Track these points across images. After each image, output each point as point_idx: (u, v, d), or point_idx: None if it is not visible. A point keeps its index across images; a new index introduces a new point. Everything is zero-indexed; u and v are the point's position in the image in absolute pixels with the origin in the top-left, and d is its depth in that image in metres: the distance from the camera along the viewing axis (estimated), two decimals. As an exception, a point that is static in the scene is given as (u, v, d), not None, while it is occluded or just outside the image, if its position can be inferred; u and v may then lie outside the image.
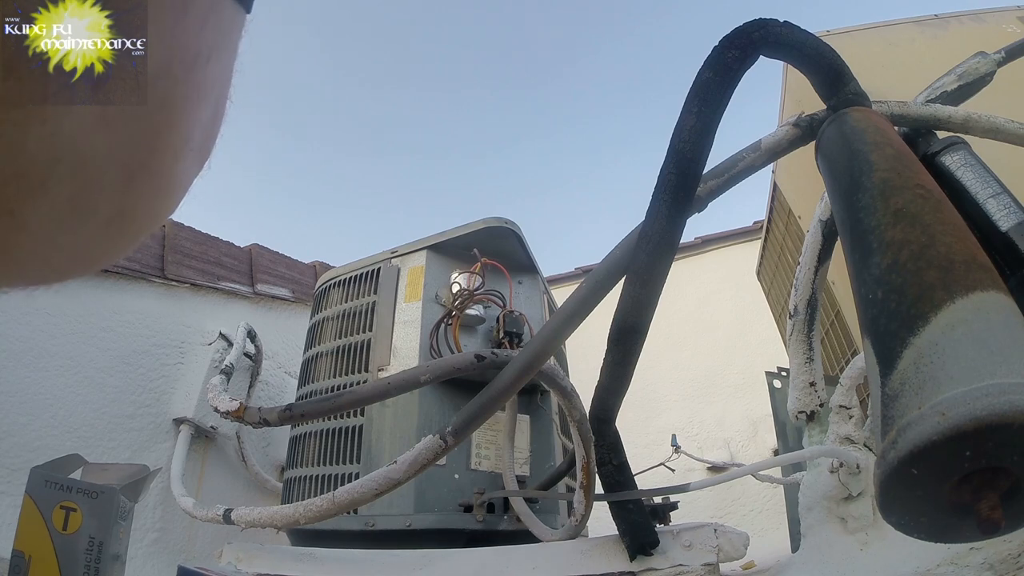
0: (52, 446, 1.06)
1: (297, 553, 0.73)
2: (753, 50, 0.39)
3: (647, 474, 1.44)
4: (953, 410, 0.22)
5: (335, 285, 1.07)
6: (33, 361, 1.12)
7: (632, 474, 0.53)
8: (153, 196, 0.18)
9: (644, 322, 0.44)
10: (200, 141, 0.18)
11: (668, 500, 0.76)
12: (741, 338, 2.87)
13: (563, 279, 3.32)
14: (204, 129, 0.18)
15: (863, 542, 0.54)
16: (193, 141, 0.18)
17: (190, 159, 0.18)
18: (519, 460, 0.89)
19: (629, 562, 0.56)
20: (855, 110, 0.41)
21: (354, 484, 0.57)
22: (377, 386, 0.62)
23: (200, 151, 0.18)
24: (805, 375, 0.62)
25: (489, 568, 0.62)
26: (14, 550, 0.70)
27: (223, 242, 1.61)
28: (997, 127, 0.49)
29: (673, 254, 0.42)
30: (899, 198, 0.32)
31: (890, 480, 0.25)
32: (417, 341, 0.91)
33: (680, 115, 0.40)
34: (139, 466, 0.86)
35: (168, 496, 1.17)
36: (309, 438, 0.94)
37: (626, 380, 0.47)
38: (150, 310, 1.36)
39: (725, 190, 0.48)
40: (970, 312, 0.26)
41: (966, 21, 1.21)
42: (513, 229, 1.02)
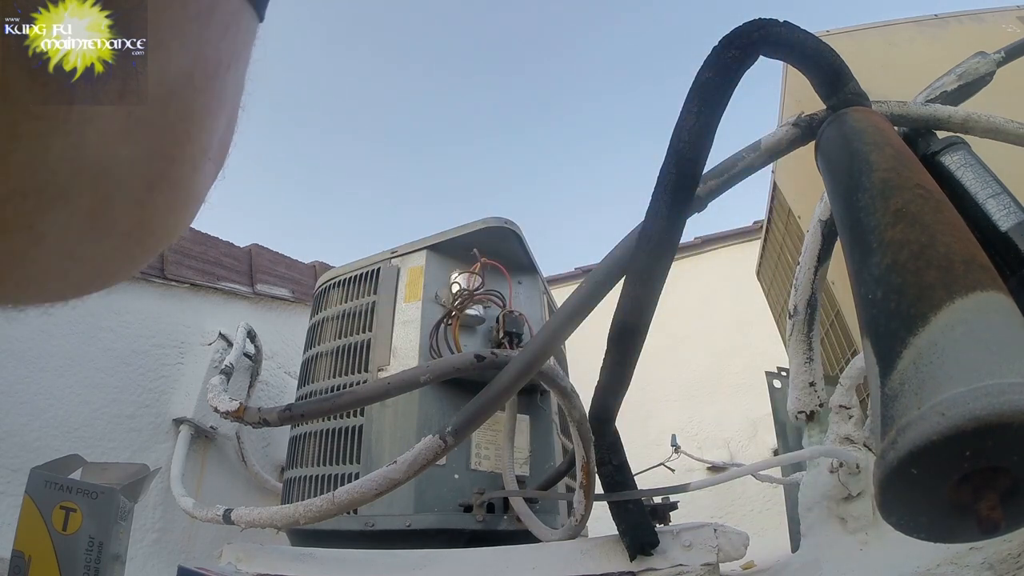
0: (52, 446, 1.06)
1: (297, 553, 0.73)
2: (753, 50, 0.39)
3: (647, 474, 1.43)
4: (953, 410, 0.22)
5: (335, 285, 1.07)
6: (33, 361, 1.12)
7: (632, 474, 0.53)
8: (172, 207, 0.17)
9: (644, 322, 0.44)
10: (217, 151, 0.18)
11: (668, 500, 0.76)
12: (741, 338, 2.87)
13: (563, 279, 3.32)
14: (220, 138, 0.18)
15: (863, 542, 0.54)
16: (211, 151, 0.17)
17: (207, 169, 0.18)
18: (519, 460, 0.89)
19: (629, 562, 0.56)
20: (855, 110, 0.41)
21: (354, 484, 0.57)
22: (377, 386, 0.62)
23: (216, 161, 0.18)
24: (805, 375, 0.62)
25: (489, 568, 0.62)
26: (14, 550, 0.69)
27: (223, 242, 1.61)
28: (997, 127, 0.49)
29: (673, 254, 0.42)
30: (899, 198, 0.32)
31: (890, 480, 0.25)
32: (417, 341, 0.91)
33: (680, 115, 0.40)
34: (139, 466, 0.86)
35: (168, 496, 1.17)
36: (309, 438, 0.94)
37: (626, 380, 0.47)
38: (150, 310, 1.36)
39: (725, 190, 0.48)
40: (970, 312, 0.26)
41: (966, 21, 1.21)
42: (513, 229, 1.02)
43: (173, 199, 0.17)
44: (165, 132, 0.15)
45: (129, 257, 0.17)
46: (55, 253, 0.14)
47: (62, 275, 0.16)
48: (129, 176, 0.15)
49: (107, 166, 0.14)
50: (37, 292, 0.16)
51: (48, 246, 0.14)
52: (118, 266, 0.17)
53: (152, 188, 0.16)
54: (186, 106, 0.15)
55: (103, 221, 0.15)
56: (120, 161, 0.14)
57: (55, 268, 0.15)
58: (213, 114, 0.17)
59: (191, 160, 0.16)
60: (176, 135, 0.15)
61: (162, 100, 0.14)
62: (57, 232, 0.14)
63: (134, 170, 0.15)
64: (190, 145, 0.16)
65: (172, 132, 0.15)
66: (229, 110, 0.18)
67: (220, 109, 0.17)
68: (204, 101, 0.16)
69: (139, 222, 0.16)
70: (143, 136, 0.14)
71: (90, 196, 0.14)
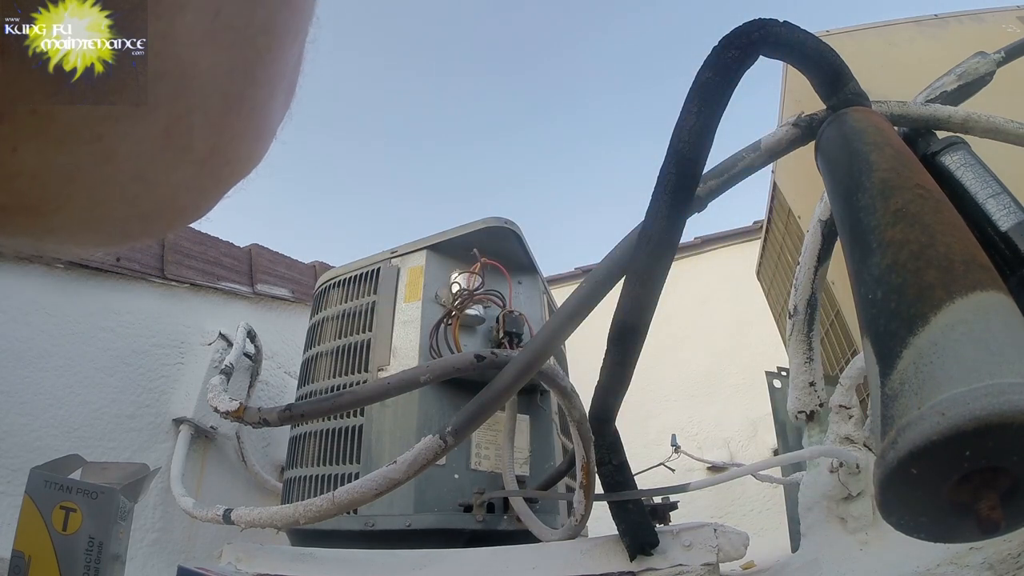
0: (52, 446, 1.06)
1: (297, 553, 0.73)
2: (753, 50, 0.39)
3: (647, 474, 1.43)
4: (953, 410, 0.22)
5: (335, 285, 1.07)
6: (33, 361, 1.12)
7: (632, 474, 0.53)
8: (247, 134, 0.16)
9: (644, 322, 0.44)
10: (289, 82, 0.17)
11: (668, 500, 0.76)
12: (741, 338, 2.87)
13: (563, 279, 3.32)
14: (292, 70, 0.17)
15: (863, 542, 0.54)
16: (285, 79, 0.16)
17: (280, 99, 0.17)
18: (519, 460, 0.89)
19: (629, 562, 0.56)
20: (855, 110, 0.41)
21: (354, 484, 0.57)
22: (377, 386, 0.62)
23: (287, 94, 0.17)
24: (805, 375, 0.62)
25: (489, 568, 0.62)
26: (14, 550, 0.69)
27: (223, 242, 1.61)
28: (997, 127, 0.49)
29: (673, 254, 0.42)
30: (899, 198, 0.32)
31: (890, 480, 0.25)
32: (417, 341, 0.91)
33: (680, 115, 0.40)
34: (139, 465, 0.86)
35: (168, 496, 1.17)
36: (309, 438, 0.94)
37: (626, 380, 0.47)
38: (150, 310, 1.36)
39: (725, 190, 0.48)
40: (970, 312, 0.26)
41: (966, 21, 1.21)
42: (513, 229, 1.02)
43: (248, 125, 0.16)
44: (248, 43, 0.14)
45: (201, 188, 0.16)
46: (126, 173, 0.13)
47: (131, 201, 0.14)
48: (210, 89, 0.14)
49: (191, 71, 0.13)
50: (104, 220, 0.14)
51: (118, 164, 0.13)
52: (189, 198, 0.16)
53: (230, 108, 0.15)
54: (270, 15, 0.14)
55: (179, 141, 0.14)
56: (203, 68, 0.13)
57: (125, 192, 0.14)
58: (292, 35, 0.16)
59: (268, 83, 0.15)
60: (258, 48, 0.14)
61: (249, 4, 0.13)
62: (129, 148, 0.13)
63: (215, 82, 0.14)
64: (271, 64, 0.15)
65: (255, 44, 0.14)
66: (301, 42, 0.17)
67: (299, 30, 0.16)
68: (287, 15, 0.15)
69: (214, 147, 0.15)
70: (228, 43, 0.13)
71: (168, 108, 0.13)
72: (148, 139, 0.13)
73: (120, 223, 0.15)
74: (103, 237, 0.15)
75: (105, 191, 0.14)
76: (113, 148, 0.13)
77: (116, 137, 0.12)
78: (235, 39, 0.14)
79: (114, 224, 0.15)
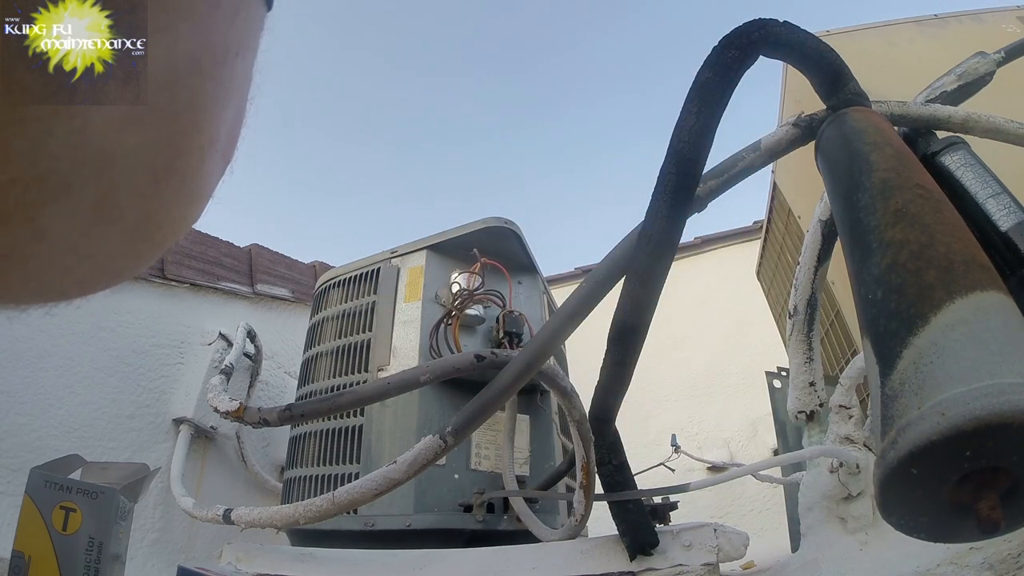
0: (52, 446, 1.06)
1: (297, 553, 0.73)
2: (752, 50, 0.39)
3: (647, 474, 1.43)
4: (953, 410, 0.22)
5: (335, 285, 1.07)
6: (33, 361, 1.12)
7: (632, 474, 0.53)
8: (179, 200, 0.16)
9: (644, 322, 0.44)
10: (225, 143, 0.17)
11: (668, 500, 0.76)
12: (741, 338, 2.87)
13: (563, 279, 3.32)
14: (228, 130, 0.17)
15: (863, 542, 0.54)
16: (218, 143, 0.17)
17: (215, 161, 0.17)
18: (519, 460, 0.89)
19: (629, 562, 0.56)
20: (855, 110, 0.41)
21: (354, 484, 0.57)
22: (377, 386, 0.62)
23: (224, 153, 0.17)
24: (805, 375, 0.62)
25: (489, 568, 0.62)
26: (14, 550, 0.69)
27: (223, 242, 1.61)
28: (997, 127, 0.49)
29: (673, 254, 0.42)
30: (899, 198, 0.32)
31: (890, 480, 0.25)
32: (417, 341, 0.91)
33: (680, 115, 0.40)
34: (139, 465, 0.86)
35: (168, 496, 1.17)
36: (309, 438, 0.94)
37: (626, 380, 0.47)
38: (149, 310, 1.36)
39: (725, 190, 0.48)
40: (970, 312, 0.26)
41: (966, 21, 1.21)
42: (513, 229, 1.02)
43: (180, 192, 0.16)
44: (172, 120, 0.14)
45: (135, 253, 0.17)
46: (58, 248, 0.14)
47: (66, 271, 0.15)
48: (135, 166, 0.14)
49: (112, 155, 0.13)
50: (40, 289, 0.15)
51: (51, 240, 0.13)
52: (124, 263, 0.17)
53: (159, 180, 0.15)
54: (193, 93, 0.15)
55: (108, 214, 0.14)
56: (126, 150, 0.14)
57: (58, 264, 0.14)
58: (221, 103, 0.16)
59: (199, 151, 0.16)
60: (183, 124, 0.15)
61: (169, 86, 0.14)
62: (60, 225, 0.13)
63: (140, 160, 0.14)
64: (198, 135, 0.15)
65: (179, 120, 0.15)
66: (237, 100, 0.17)
67: (228, 98, 0.16)
68: (212, 88, 0.15)
69: (146, 216, 0.15)
70: (149, 124, 0.14)
71: (94, 187, 0.13)
72: (78, 215, 0.13)
73: (57, 289, 0.16)
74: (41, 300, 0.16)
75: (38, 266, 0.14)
76: (44, 227, 0.13)
77: (47, 217, 0.13)
78: (158, 119, 0.14)
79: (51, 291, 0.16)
